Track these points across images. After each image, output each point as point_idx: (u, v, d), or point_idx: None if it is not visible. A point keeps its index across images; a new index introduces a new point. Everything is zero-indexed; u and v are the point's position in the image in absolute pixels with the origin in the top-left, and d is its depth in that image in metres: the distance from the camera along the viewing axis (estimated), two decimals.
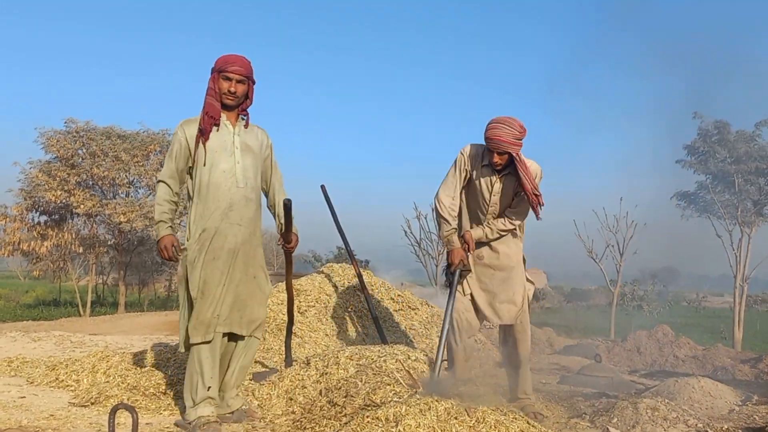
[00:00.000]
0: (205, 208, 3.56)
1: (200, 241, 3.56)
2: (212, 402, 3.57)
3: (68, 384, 4.60)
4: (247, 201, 3.65)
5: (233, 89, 3.59)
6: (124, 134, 19.42)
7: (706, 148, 20.23)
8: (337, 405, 3.63)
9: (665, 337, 10.90)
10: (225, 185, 3.58)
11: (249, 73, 3.65)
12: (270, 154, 3.86)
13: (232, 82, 3.59)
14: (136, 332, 10.02)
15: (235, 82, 3.59)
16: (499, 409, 3.14)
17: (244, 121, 3.73)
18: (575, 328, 18.78)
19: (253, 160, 3.69)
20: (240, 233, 3.60)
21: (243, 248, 3.63)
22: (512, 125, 3.88)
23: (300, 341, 5.82)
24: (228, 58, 3.61)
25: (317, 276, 7.03)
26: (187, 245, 3.59)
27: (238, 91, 3.62)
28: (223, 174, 3.58)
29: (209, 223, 3.56)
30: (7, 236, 18.64)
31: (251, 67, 3.68)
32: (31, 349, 6.86)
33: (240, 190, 3.61)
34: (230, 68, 3.57)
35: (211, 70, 3.64)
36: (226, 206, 3.57)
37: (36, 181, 18.11)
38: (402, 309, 6.81)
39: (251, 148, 3.70)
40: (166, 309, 21.41)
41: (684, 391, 5.03)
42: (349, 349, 4.45)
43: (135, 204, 18.48)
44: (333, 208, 6.15)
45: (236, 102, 3.65)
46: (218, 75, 3.60)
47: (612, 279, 17.75)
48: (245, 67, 3.62)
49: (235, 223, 3.59)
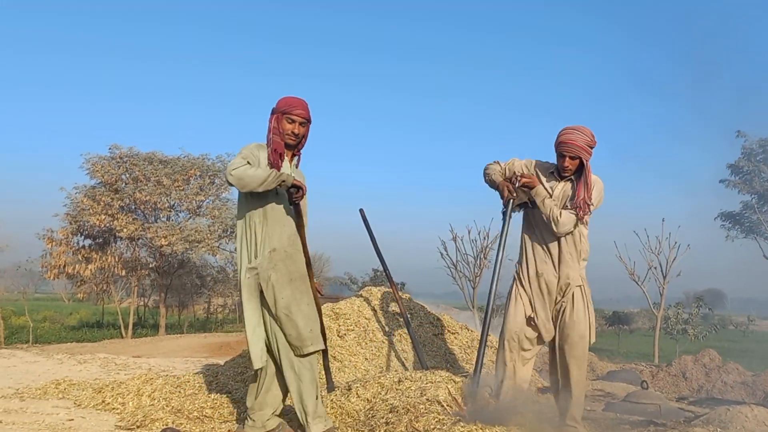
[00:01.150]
0: (273, 231, 3.75)
1: (271, 260, 3.72)
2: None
3: (114, 407, 4.67)
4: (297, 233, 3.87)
5: (296, 131, 3.82)
6: (165, 159, 19.82)
7: (750, 167, 19.79)
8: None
9: (712, 362, 10.56)
10: (289, 214, 3.81)
11: (310, 117, 3.88)
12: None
13: (295, 125, 3.81)
14: (177, 354, 10.15)
15: (298, 124, 3.81)
16: None
17: (297, 160, 3.97)
18: (618, 353, 18.37)
19: None
20: (300, 260, 3.84)
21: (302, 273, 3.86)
22: (585, 132, 3.95)
23: (340, 365, 5.81)
24: (292, 101, 3.82)
25: (356, 300, 7.03)
26: (255, 264, 3.72)
27: (300, 133, 3.85)
28: (287, 203, 3.80)
29: (278, 244, 3.75)
30: (53, 259, 19.06)
31: (310, 111, 3.89)
32: (77, 371, 7.00)
33: (293, 219, 3.84)
34: (295, 111, 3.80)
35: (273, 110, 3.83)
36: (292, 233, 3.81)
37: (81, 205, 18.56)
38: (441, 333, 6.76)
39: None
40: (205, 331, 21.66)
41: (736, 419, 4.85)
42: (389, 375, 4.43)
43: (175, 227, 18.80)
44: (371, 232, 6.17)
45: (296, 142, 3.88)
46: (282, 116, 3.80)
47: (655, 302, 17.32)
48: (307, 111, 3.86)
49: (298, 250, 3.83)
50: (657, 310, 16.99)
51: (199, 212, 20.11)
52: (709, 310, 22.27)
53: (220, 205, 20.19)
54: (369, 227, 6.18)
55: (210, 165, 20.10)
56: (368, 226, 6.18)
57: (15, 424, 4.17)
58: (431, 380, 4.19)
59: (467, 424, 3.12)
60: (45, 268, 19.22)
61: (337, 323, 6.42)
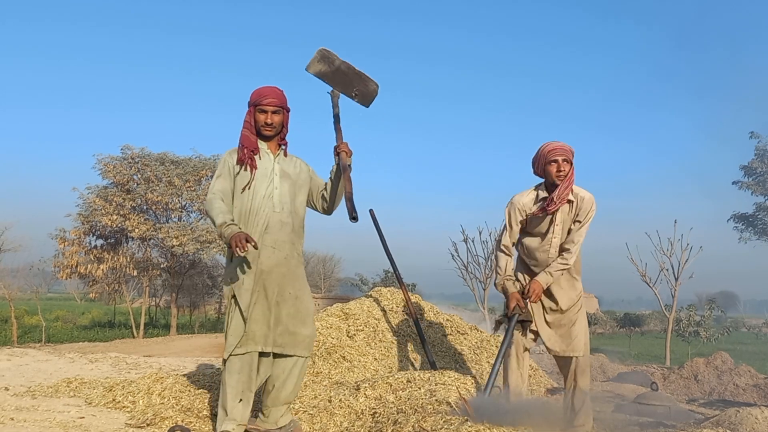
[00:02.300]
0: (247, 230, 3.65)
1: (239, 262, 3.68)
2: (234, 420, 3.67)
3: (125, 405, 4.70)
4: (282, 225, 3.75)
5: (269, 120, 3.75)
6: (177, 160, 19.93)
7: (764, 168, 19.63)
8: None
9: (724, 364, 10.48)
10: (263, 210, 3.72)
11: (283, 103, 3.80)
12: (313, 176, 3.99)
13: (267, 114, 3.75)
14: (188, 354, 10.20)
15: (271, 113, 3.75)
16: None
17: (283, 149, 3.88)
18: (629, 355, 18.28)
19: (290, 186, 3.83)
20: (273, 256, 3.71)
21: (277, 270, 3.72)
22: (563, 143, 4.05)
23: (349, 365, 5.82)
24: (262, 91, 3.77)
25: (366, 300, 7.04)
26: (230, 266, 3.73)
27: (275, 122, 3.77)
28: (262, 199, 3.73)
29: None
30: (66, 259, 19.22)
31: (284, 97, 3.82)
32: (89, 370, 7.05)
33: (276, 214, 3.73)
34: (264, 101, 3.73)
35: (248, 104, 3.80)
36: (262, 229, 3.70)
37: (93, 206, 18.71)
38: (451, 334, 6.76)
39: (289, 174, 3.84)
40: (216, 331, 21.74)
41: (746, 422, 4.82)
42: (398, 375, 4.43)
43: (187, 228, 18.90)
44: (381, 233, 6.18)
45: (274, 132, 3.81)
46: (254, 109, 3.77)
47: (667, 304, 17.21)
48: (279, 98, 3.77)
49: (268, 246, 3.70)
50: (669, 312, 16.88)
51: None
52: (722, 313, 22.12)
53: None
54: (379, 228, 6.19)
55: None
56: (378, 227, 6.19)
57: (27, 421, 4.21)
58: (440, 381, 4.19)
59: (475, 425, 3.13)
60: (57, 267, 19.39)
61: (347, 323, 6.43)
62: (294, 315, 3.76)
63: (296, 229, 3.85)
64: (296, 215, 3.85)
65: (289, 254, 3.77)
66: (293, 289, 3.78)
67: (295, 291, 3.78)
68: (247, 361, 3.70)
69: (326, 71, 4.22)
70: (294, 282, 3.79)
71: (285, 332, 3.74)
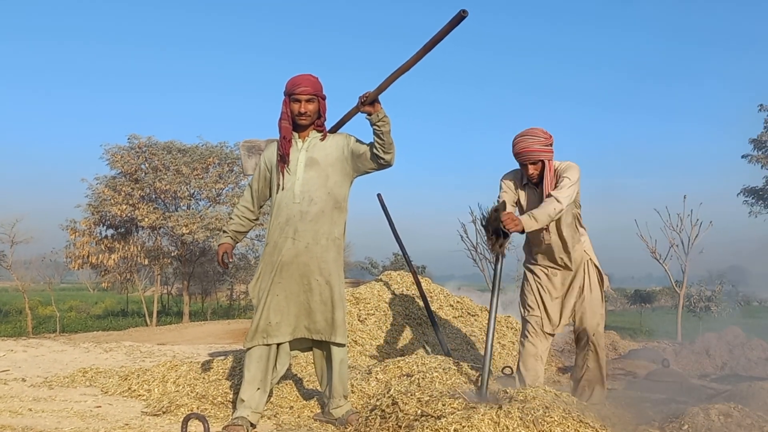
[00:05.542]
0: (272, 226, 3.78)
1: (265, 254, 3.79)
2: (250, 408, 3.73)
3: (140, 393, 4.76)
4: (302, 215, 3.70)
5: (303, 110, 3.71)
6: (184, 148, 19.93)
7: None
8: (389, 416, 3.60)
9: (736, 339, 10.45)
10: (284, 202, 3.74)
11: (317, 91, 3.74)
12: (352, 145, 3.80)
13: (301, 104, 3.70)
14: (201, 341, 10.28)
15: (305, 102, 3.71)
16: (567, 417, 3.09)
17: (320, 135, 3.81)
18: (640, 331, 18.27)
19: (318, 172, 3.74)
20: (293, 247, 3.70)
21: (297, 260, 3.70)
22: (536, 134, 3.91)
23: (361, 349, 5.86)
24: (295, 80, 3.72)
25: (376, 284, 7.08)
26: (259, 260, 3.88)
27: (309, 111, 3.72)
28: (283, 192, 3.75)
29: (270, 238, 3.78)
30: (77, 250, 19.33)
31: (319, 84, 3.76)
32: (104, 359, 7.13)
33: (296, 205, 3.71)
34: (298, 90, 3.69)
35: (283, 94, 3.77)
36: (284, 221, 3.72)
37: (102, 196, 18.77)
38: (461, 316, 6.79)
39: (317, 160, 3.74)
40: (229, 318, 21.89)
41: (759, 395, 4.81)
42: (409, 358, 4.46)
43: (196, 216, 18.95)
44: (389, 216, 6.19)
45: (309, 121, 3.77)
46: (288, 98, 3.74)
47: (677, 280, 17.14)
48: (312, 86, 3.71)
49: (289, 237, 3.70)
50: (679, 288, 16.83)
51: (218, 200, 20.24)
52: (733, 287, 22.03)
53: (239, 192, 20.28)
54: (387, 212, 6.20)
55: (228, 153, 20.18)
56: (386, 211, 6.20)
57: (44, 411, 4.28)
58: (449, 365, 4.22)
59: (482, 407, 3.14)
60: (69, 258, 19.50)
61: (357, 308, 6.47)
62: (325, 301, 3.73)
63: (327, 213, 3.74)
64: (322, 202, 3.73)
65: (312, 242, 3.70)
66: (321, 275, 3.73)
67: (324, 277, 3.73)
68: (266, 351, 3.76)
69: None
70: (322, 268, 3.73)
71: (313, 321, 3.75)
